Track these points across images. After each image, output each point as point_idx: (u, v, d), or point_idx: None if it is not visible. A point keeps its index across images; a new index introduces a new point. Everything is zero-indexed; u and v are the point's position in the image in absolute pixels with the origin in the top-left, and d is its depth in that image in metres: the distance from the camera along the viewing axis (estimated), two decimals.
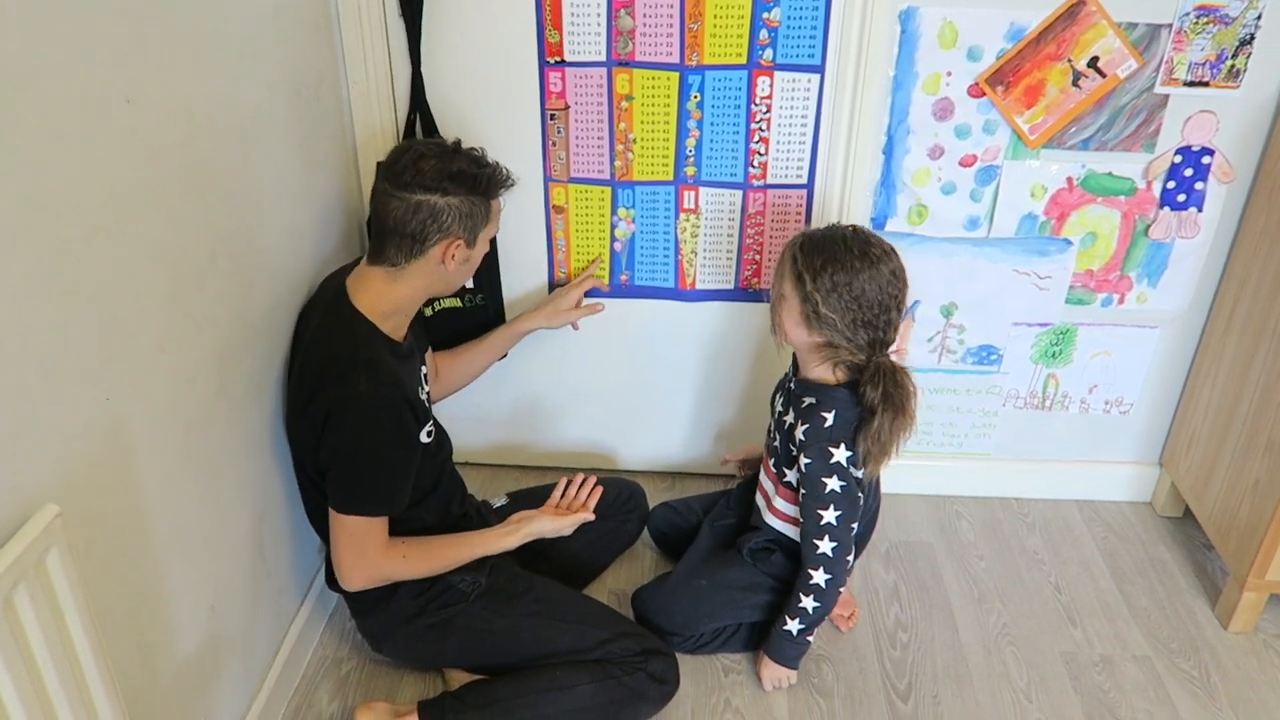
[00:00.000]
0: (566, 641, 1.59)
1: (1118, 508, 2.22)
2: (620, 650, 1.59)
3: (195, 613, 1.36)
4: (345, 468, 1.45)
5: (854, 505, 1.59)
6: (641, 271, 2.02)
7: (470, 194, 1.45)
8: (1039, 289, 1.98)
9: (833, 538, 1.59)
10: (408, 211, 1.43)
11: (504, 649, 1.61)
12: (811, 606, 1.64)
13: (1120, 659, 1.81)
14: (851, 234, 1.51)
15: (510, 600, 1.62)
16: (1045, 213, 1.90)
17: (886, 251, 1.51)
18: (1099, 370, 2.08)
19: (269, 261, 1.53)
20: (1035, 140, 1.82)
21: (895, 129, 1.84)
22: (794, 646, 1.69)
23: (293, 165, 1.62)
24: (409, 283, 1.49)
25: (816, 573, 1.61)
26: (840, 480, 1.56)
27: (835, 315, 1.50)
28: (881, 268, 1.49)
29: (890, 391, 1.50)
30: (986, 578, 2.01)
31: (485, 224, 1.50)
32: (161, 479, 1.25)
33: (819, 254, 1.50)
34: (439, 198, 1.43)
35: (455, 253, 1.47)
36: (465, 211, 1.45)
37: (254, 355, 1.49)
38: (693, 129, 1.86)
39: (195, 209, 1.30)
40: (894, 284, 1.50)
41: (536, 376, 2.17)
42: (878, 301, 1.49)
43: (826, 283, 1.48)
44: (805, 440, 1.56)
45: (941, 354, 2.07)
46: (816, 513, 1.58)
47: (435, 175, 1.43)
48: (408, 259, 1.47)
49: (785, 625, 1.67)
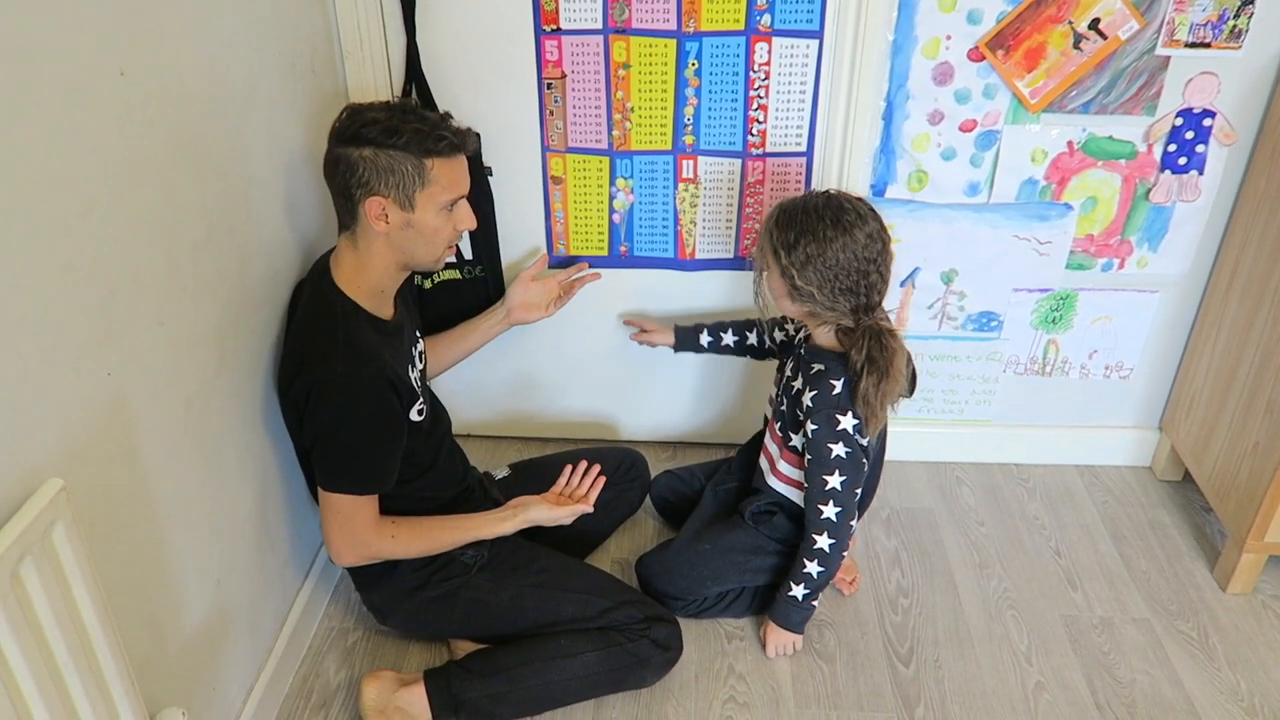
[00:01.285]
0: (570, 610, 1.61)
1: (1118, 472, 2.23)
2: (624, 617, 1.61)
3: (202, 585, 1.37)
4: (328, 448, 1.44)
5: (858, 471, 1.60)
6: (641, 242, 2.01)
7: (387, 146, 1.37)
8: (1039, 254, 1.98)
9: (837, 503, 1.60)
10: (333, 165, 1.41)
11: (508, 619, 1.62)
12: (816, 571, 1.65)
13: (1120, 621, 1.83)
14: (824, 202, 1.50)
15: (513, 571, 1.63)
16: (1045, 177, 1.89)
17: (861, 215, 1.49)
18: (1099, 335, 2.08)
19: (266, 235, 1.53)
20: (1036, 104, 1.81)
21: (895, 94, 1.82)
22: (799, 611, 1.71)
23: (288, 138, 1.61)
24: (370, 251, 1.46)
25: (820, 537, 1.62)
26: (846, 447, 1.57)
27: (813, 287, 1.50)
28: (856, 233, 1.47)
29: (875, 355, 1.50)
30: (987, 543, 2.02)
31: (420, 185, 1.40)
32: (163, 453, 1.25)
33: (792, 227, 1.49)
34: (353, 149, 1.38)
35: (388, 214, 1.41)
36: (384, 166, 1.37)
37: (253, 329, 1.49)
38: (691, 97, 1.85)
39: (191, 183, 1.30)
40: (870, 247, 1.49)
41: (537, 347, 2.17)
42: (855, 268, 1.48)
43: (800, 255, 1.48)
44: (813, 406, 1.57)
45: (942, 320, 2.07)
46: (821, 478, 1.59)
47: (353, 125, 1.39)
48: (351, 221, 1.44)
49: (790, 591, 1.69)
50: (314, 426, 1.45)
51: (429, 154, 1.40)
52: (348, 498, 1.46)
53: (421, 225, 1.44)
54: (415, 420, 1.53)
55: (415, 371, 1.60)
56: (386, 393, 1.44)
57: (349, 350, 1.43)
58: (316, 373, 1.43)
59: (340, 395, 1.42)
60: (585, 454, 2.00)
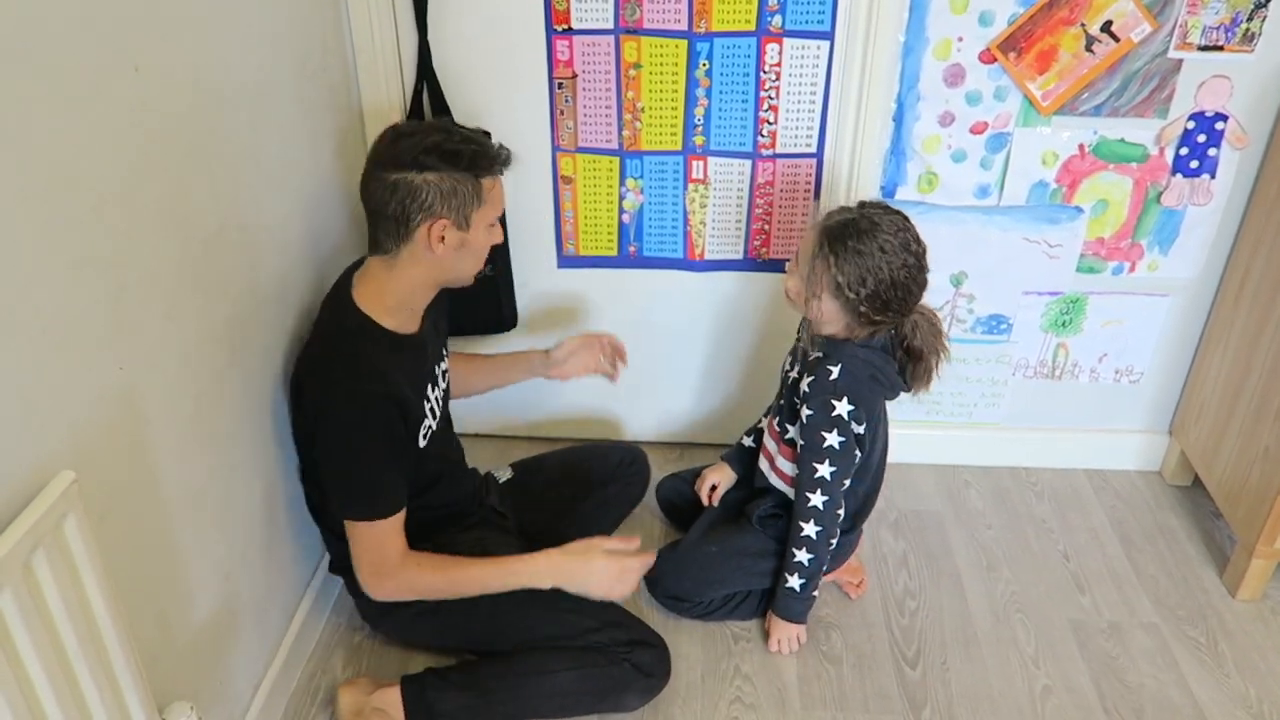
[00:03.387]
0: (549, 629, 1.58)
1: (1127, 476, 2.22)
2: (606, 639, 1.58)
3: (210, 579, 1.38)
4: (338, 470, 1.45)
5: (849, 462, 1.60)
6: (650, 242, 2.01)
7: (451, 170, 1.37)
8: (1049, 257, 1.97)
9: (824, 491, 1.61)
10: (387, 192, 1.39)
11: (490, 633, 1.60)
12: (806, 559, 1.65)
13: (1128, 626, 1.82)
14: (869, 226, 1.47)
15: None
16: (1056, 180, 1.89)
17: (914, 235, 1.50)
18: (1109, 339, 2.08)
19: (277, 234, 1.53)
20: (1047, 107, 1.81)
21: (905, 96, 1.82)
22: (799, 602, 1.70)
23: (300, 136, 1.62)
24: (407, 272, 1.45)
25: (807, 525, 1.63)
26: (840, 435, 1.57)
27: (871, 312, 1.50)
28: (913, 248, 1.49)
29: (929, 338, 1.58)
30: (995, 546, 2.01)
31: (477, 204, 1.41)
32: (173, 447, 1.25)
33: (855, 265, 1.46)
34: (416, 174, 1.37)
35: (445, 235, 1.41)
36: (447, 189, 1.37)
37: (264, 326, 1.50)
38: (701, 98, 1.85)
39: (203, 179, 1.30)
40: (919, 262, 1.50)
41: (543, 345, 2.15)
42: (909, 286, 1.50)
43: (868, 292, 1.48)
44: (809, 392, 1.57)
45: (951, 323, 2.07)
46: (812, 465, 1.60)
47: (411, 150, 1.37)
48: (397, 244, 1.42)
49: (787, 582, 1.69)
50: (323, 445, 1.45)
51: (485, 173, 1.42)
52: (363, 524, 1.45)
53: (473, 244, 1.46)
54: (420, 445, 1.52)
55: (436, 391, 1.60)
56: (392, 411, 1.44)
57: (355, 368, 1.42)
58: (321, 388, 1.43)
59: (346, 414, 1.41)
60: (586, 451, 2.01)
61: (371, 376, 1.42)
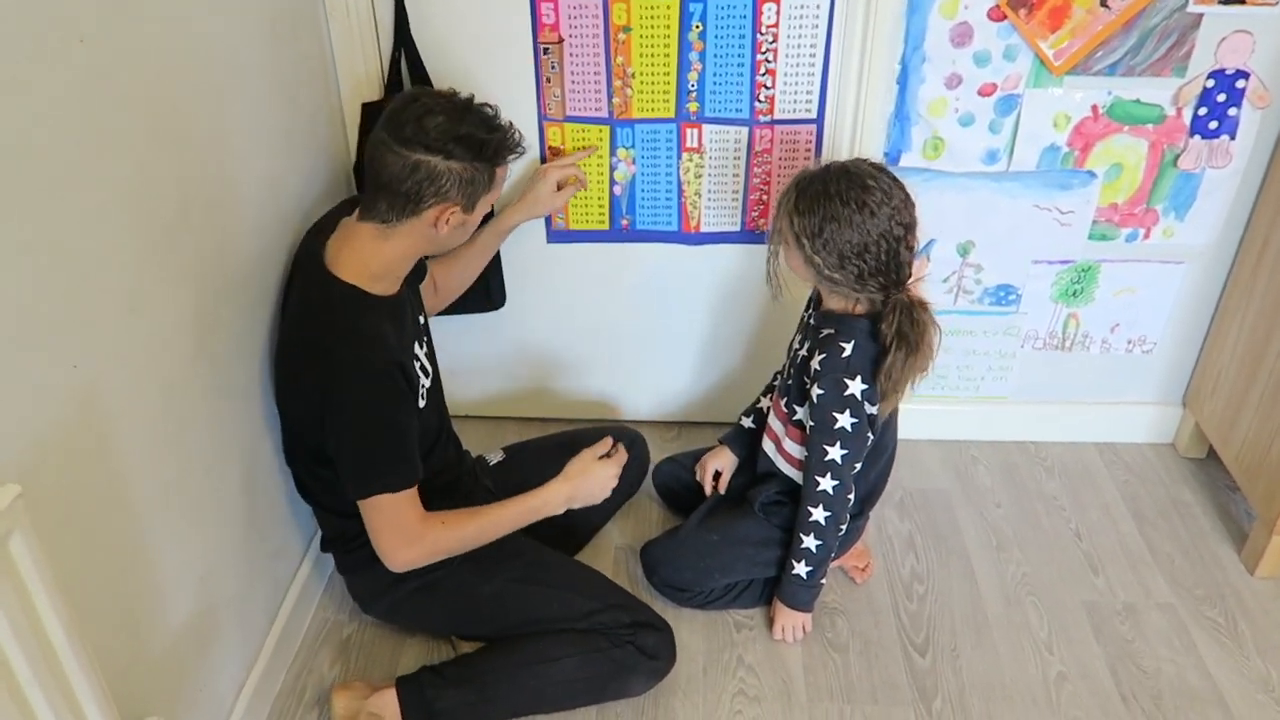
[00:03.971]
0: (553, 610, 1.53)
1: (1138, 450, 2.16)
2: (610, 621, 1.53)
3: (185, 582, 1.31)
4: (357, 447, 1.38)
5: (861, 445, 1.53)
6: (643, 215, 1.93)
7: (475, 160, 1.33)
8: (1060, 225, 1.89)
9: (834, 475, 1.54)
10: (405, 169, 1.32)
11: (489, 615, 1.55)
12: (814, 545, 1.59)
13: (1144, 607, 1.76)
14: (845, 181, 1.40)
15: (498, 564, 1.56)
16: (1068, 144, 1.80)
17: (886, 190, 1.41)
18: (1121, 308, 2.00)
19: (249, 212, 1.44)
20: (1060, 66, 1.71)
21: (910, 57, 1.73)
22: (806, 590, 1.64)
23: (271, 108, 1.52)
24: (398, 243, 1.40)
25: (816, 510, 1.56)
26: (852, 416, 1.49)
27: (838, 274, 1.43)
28: (881, 213, 1.40)
29: (905, 330, 1.43)
30: (1005, 525, 1.95)
31: (486, 190, 1.39)
32: (140, 445, 1.18)
33: (814, 212, 1.41)
34: (440, 160, 1.32)
35: (450, 218, 1.37)
36: (467, 178, 1.34)
37: (236, 311, 1.41)
38: (695, 62, 1.75)
39: (165, 157, 1.21)
40: (898, 225, 1.41)
41: (534, 324, 2.09)
42: (883, 249, 1.41)
43: (826, 242, 1.41)
44: (820, 370, 1.49)
45: (958, 294, 1.99)
46: (822, 448, 1.52)
47: (440, 135, 1.31)
48: (399, 218, 1.36)
49: (793, 569, 1.63)
50: (335, 423, 1.37)
51: (501, 163, 1.40)
52: (386, 497, 1.39)
53: (471, 223, 1.44)
54: (420, 406, 1.47)
55: (424, 347, 1.55)
56: (398, 378, 1.39)
57: (357, 340, 1.36)
58: (327, 365, 1.36)
59: (358, 390, 1.36)
60: (582, 434, 1.93)
61: (374, 346, 1.37)
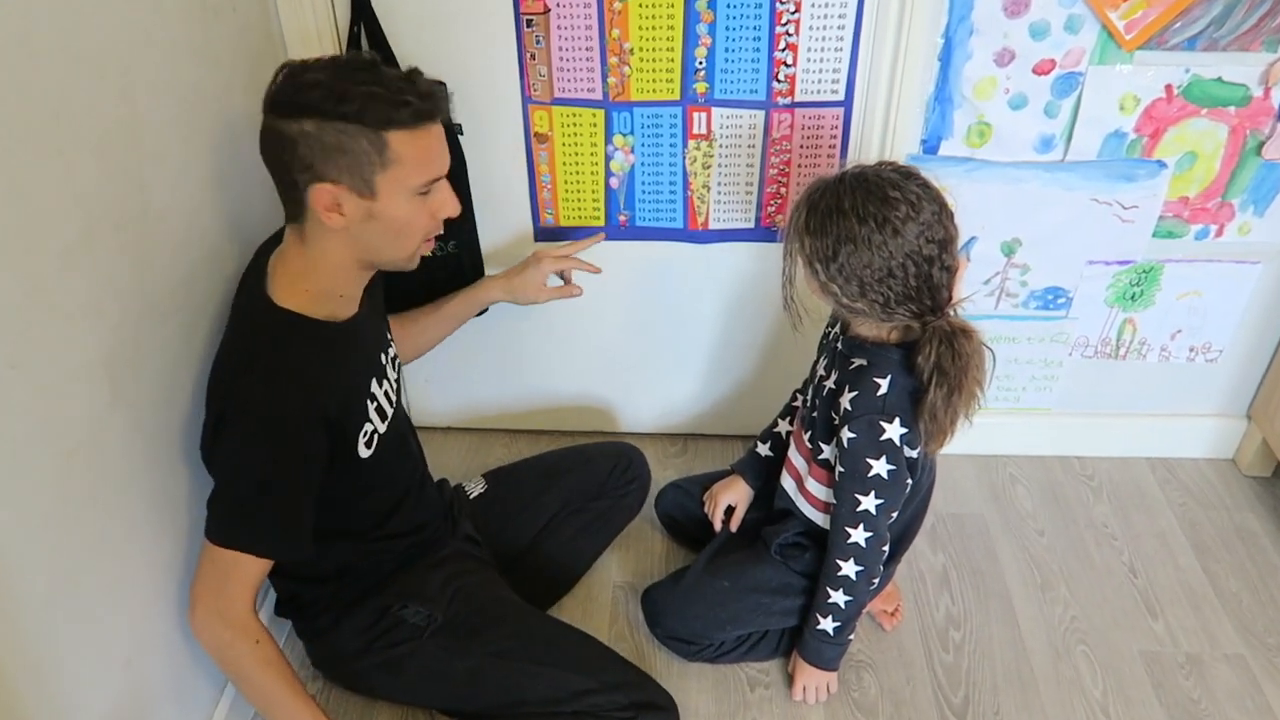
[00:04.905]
0: (539, 690, 1.32)
1: (1195, 466, 1.94)
2: (605, 704, 1.32)
3: (103, 673, 1.11)
4: (225, 488, 1.16)
5: (899, 493, 1.32)
6: (644, 210, 1.69)
7: (334, 117, 1.06)
8: (1121, 221, 1.65)
9: (868, 526, 1.33)
10: (268, 143, 1.11)
11: (465, 695, 1.35)
12: (843, 601, 1.39)
13: (1209, 658, 1.56)
14: (863, 193, 1.16)
15: (473, 637, 1.35)
16: (1136, 129, 1.56)
17: (913, 203, 1.16)
18: (1185, 313, 1.77)
19: (173, 227, 1.21)
20: (1131, 40, 1.46)
21: (955, 30, 1.48)
22: (832, 648, 1.45)
23: (203, 98, 1.28)
24: (320, 249, 1.17)
25: (846, 564, 1.36)
26: (889, 463, 1.28)
27: (862, 303, 1.20)
28: (909, 230, 1.15)
29: (945, 365, 1.20)
30: (1049, 557, 1.74)
31: (380, 164, 1.10)
32: (31, 529, 0.97)
33: (827, 232, 1.18)
34: (291, 122, 1.08)
35: (342, 204, 1.11)
36: (331, 143, 1.07)
37: (161, 344, 1.19)
38: (703, 35, 1.50)
39: (52, 170, 0.98)
40: (930, 245, 1.17)
41: (524, 328, 1.86)
42: (912, 271, 1.17)
43: (844, 270, 1.18)
44: (852, 410, 1.27)
45: (1000, 298, 1.76)
46: (854, 497, 1.31)
47: (290, 91, 1.08)
48: (298, 212, 1.15)
49: (818, 624, 1.42)
50: (218, 459, 1.17)
51: (388, 124, 1.09)
52: (233, 554, 1.16)
53: (387, 216, 1.14)
54: (362, 456, 1.24)
55: (384, 385, 1.31)
56: (309, 425, 1.15)
57: (271, 375, 1.14)
58: (228, 400, 1.15)
59: (251, 430, 1.13)
60: (571, 455, 1.73)
61: (290, 381, 1.14)
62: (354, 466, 1.23)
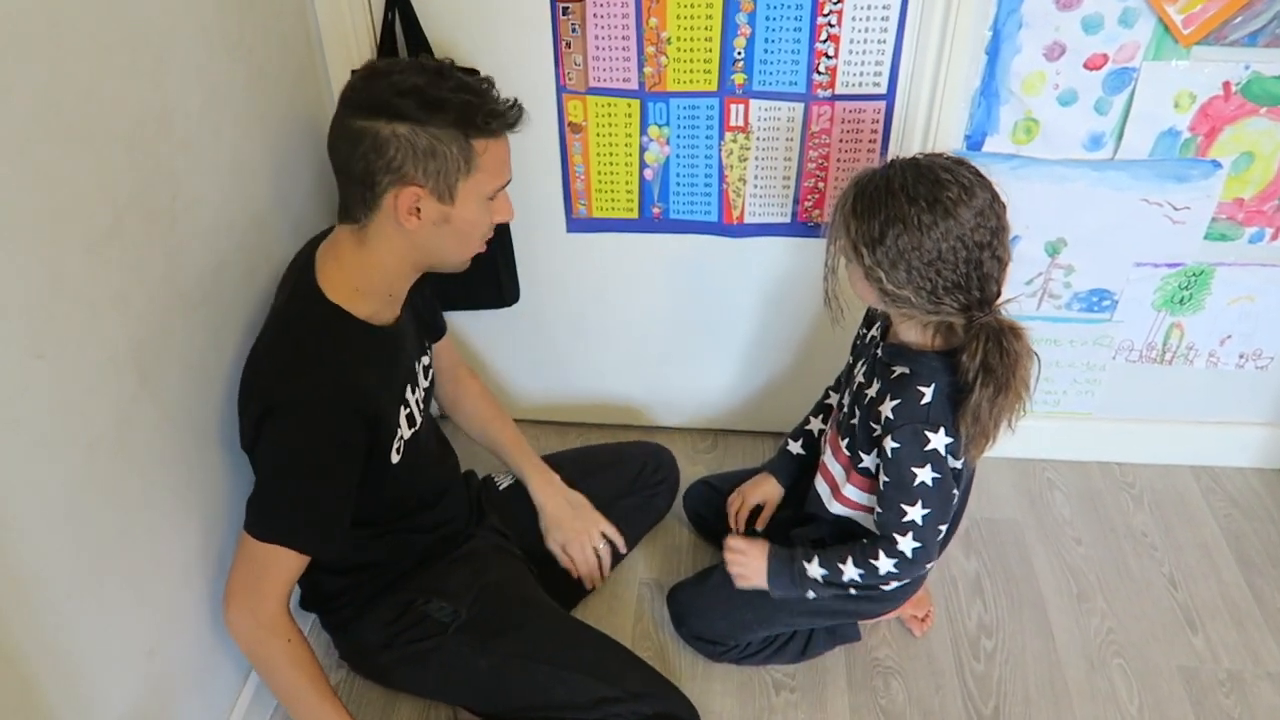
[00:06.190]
0: (558, 694, 1.31)
1: (1241, 475, 1.88)
2: (626, 713, 1.30)
3: (126, 663, 1.11)
4: (269, 482, 1.16)
5: (946, 503, 1.28)
6: (678, 203, 1.66)
7: (429, 123, 1.08)
8: (1172, 222, 1.60)
9: (917, 537, 1.29)
10: (349, 142, 1.11)
11: (486, 694, 1.34)
12: (850, 578, 1.33)
13: (1251, 677, 1.51)
14: (913, 176, 1.13)
15: (498, 636, 1.33)
16: (1191, 128, 1.50)
17: (966, 187, 1.13)
18: (1236, 318, 1.71)
19: (203, 217, 1.21)
20: (1189, 35, 1.41)
21: (1004, 22, 1.43)
22: (792, 584, 1.36)
23: (233, 84, 1.27)
24: (378, 248, 1.17)
25: (880, 560, 1.31)
26: (934, 471, 1.24)
27: (908, 290, 1.15)
28: (961, 213, 1.11)
29: (992, 362, 1.16)
30: (1086, 566, 1.70)
31: (465, 171, 1.12)
32: (54, 521, 0.96)
33: (875, 214, 1.14)
34: (384, 124, 1.08)
35: (420, 207, 1.12)
36: (422, 147, 1.09)
37: (190, 333, 1.19)
38: (743, 25, 1.47)
39: (82, 159, 0.97)
40: (982, 227, 1.13)
41: (554, 322, 1.85)
42: (962, 258, 1.13)
43: (889, 252, 1.13)
44: (895, 419, 1.24)
45: (1042, 299, 1.71)
46: (899, 507, 1.27)
47: (384, 92, 1.08)
48: (366, 212, 1.14)
49: (808, 564, 1.34)
50: (262, 455, 1.17)
51: (480, 134, 1.11)
52: (272, 548, 1.15)
53: (459, 220, 1.16)
54: (392, 461, 1.23)
55: (416, 393, 1.30)
56: (352, 423, 1.15)
57: (320, 371, 1.14)
58: (272, 392, 1.15)
59: (298, 423, 1.13)
60: (600, 451, 1.71)
61: (336, 376, 1.14)
62: (383, 468, 1.23)
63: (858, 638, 1.56)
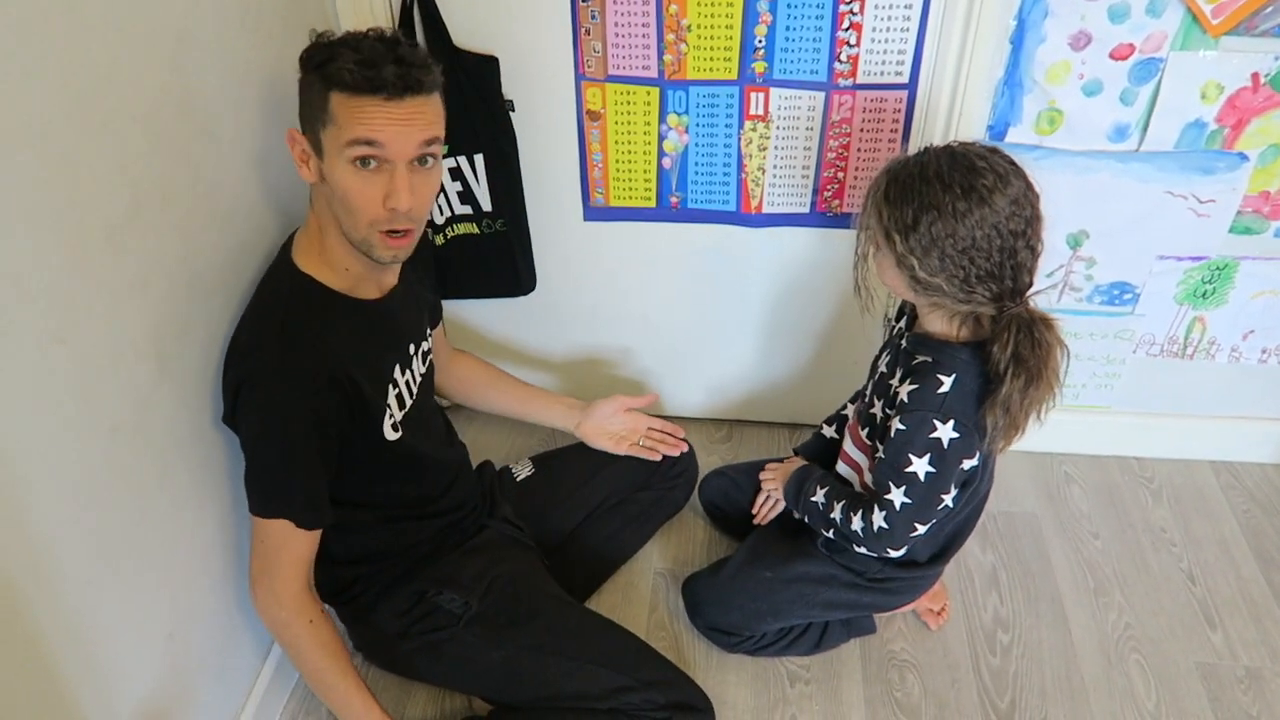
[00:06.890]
0: (572, 685, 1.30)
1: (1261, 470, 1.86)
2: (639, 702, 1.29)
3: (146, 645, 1.11)
4: (253, 457, 1.16)
5: (930, 502, 1.26)
6: (696, 192, 1.65)
7: (310, 70, 1.10)
8: (1197, 215, 1.58)
9: (888, 518, 1.28)
10: None
11: (499, 685, 1.34)
12: (834, 517, 1.36)
13: (1269, 674, 1.50)
14: (948, 163, 1.12)
15: (510, 627, 1.33)
16: (1218, 119, 1.48)
17: (1001, 175, 1.12)
18: (1259, 312, 1.69)
19: (221, 201, 1.20)
20: (1219, 25, 1.39)
21: (1029, 11, 1.41)
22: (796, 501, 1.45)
23: (251, 70, 1.27)
24: (320, 215, 1.18)
25: (855, 519, 1.33)
26: (930, 465, 1.23)
27: (940, 278, 1.14)
28: (996, 201, 1.10)
29: (1024, 352, 1.14)
30: (1103, 561, 1.69)
31: (324, 120, 1.08)
32: (74, 504, 0.97)
33: (908, 200, 1.13)
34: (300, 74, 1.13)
35: (304, 150, 1.13)
36: (302, 92, 1.13)
37: (207, 319, 1.18)
38: (763, 12, 1.45)
39: (101, 143, 0.97)
40: (1017, 216, 1.12)
41: (571, 310, 1.84)
42: (996, 246, 1.12)
43: (923, 239, 1.12)
44: (908, 402, 1.23)
45: (1063, 291, 1.69)
46: (886, 484, 1.27)
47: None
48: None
49: (818, 485, 1.41)
50: (242, 430, 1.17)
51: (330, 84, 1.07)
52: (276, 524, 1.16)
53: (331, 178, 1.11)
54: (389, 438, 1.23)
55: (406, 374, 1.29)
56: (323, 392, 1.14)
57: (285, 338, 1.13)
58: (244, 365, 1.15)
59: (269, 393, 1.13)
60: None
61: (305, 345, 1.13)
62: (380, 446, 1.23)
63: (873, 630, 1.56)
